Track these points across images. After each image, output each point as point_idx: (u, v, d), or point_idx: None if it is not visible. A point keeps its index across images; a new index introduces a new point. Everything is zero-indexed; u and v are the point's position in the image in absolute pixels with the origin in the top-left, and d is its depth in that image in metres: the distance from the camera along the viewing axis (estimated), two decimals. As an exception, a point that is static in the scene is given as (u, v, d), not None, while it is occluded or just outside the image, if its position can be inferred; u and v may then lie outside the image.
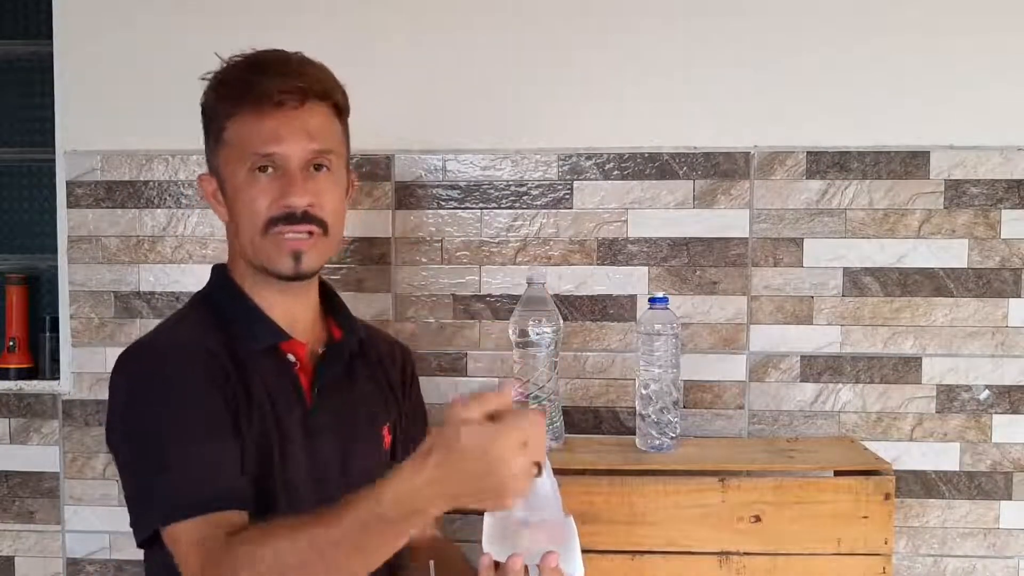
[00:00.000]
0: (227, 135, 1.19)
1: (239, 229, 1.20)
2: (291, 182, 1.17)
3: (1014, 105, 1.75)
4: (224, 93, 1.19)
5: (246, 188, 1.18)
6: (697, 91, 1.78)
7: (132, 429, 1.14)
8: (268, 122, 1.17)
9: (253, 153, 1.17)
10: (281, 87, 1.16)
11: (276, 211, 1.17)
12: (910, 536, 1.79)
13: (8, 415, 1.91)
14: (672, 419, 1.58)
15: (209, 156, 1.23)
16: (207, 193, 1.25)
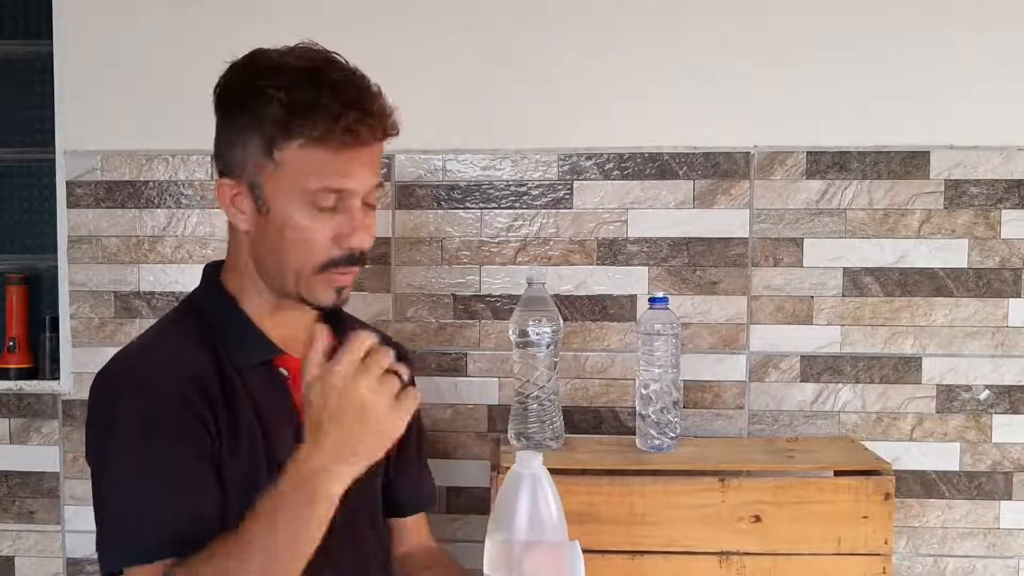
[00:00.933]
0: (284, 156, 1.10)
1: (280, 256, 1.13)
2: (356, 221, 1.12)
3: (1014, 105, 1.75)
4: (298, 115, 1.08)
5: (303, 221, 1.11)
6: (697, 91, 1.78)
7: (102, 463, 1.10)
8: (342, 157, 1.10)
9: (322, 186, 1.10)
10: (366, 123, 1.10)
11: (339, 252, 1.12)
12: (910, 536, 1.79)
13: (8, 415, 1.91)
14: (672, 419, 1.58)
15: (240, 162, 1.13)
16: (224, 198, 1.15)
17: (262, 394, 1.16)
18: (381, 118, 1.12)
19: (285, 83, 1.10)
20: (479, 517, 1.75)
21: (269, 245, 1.14)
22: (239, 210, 1.15)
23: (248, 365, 1.16)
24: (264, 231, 1.13)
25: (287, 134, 1.09)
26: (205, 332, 1.16)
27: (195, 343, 1.15)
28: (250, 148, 1.12)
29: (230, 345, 1.16)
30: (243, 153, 1.12)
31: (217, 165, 1.18)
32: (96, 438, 1.12)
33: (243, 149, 1.12)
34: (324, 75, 1.11)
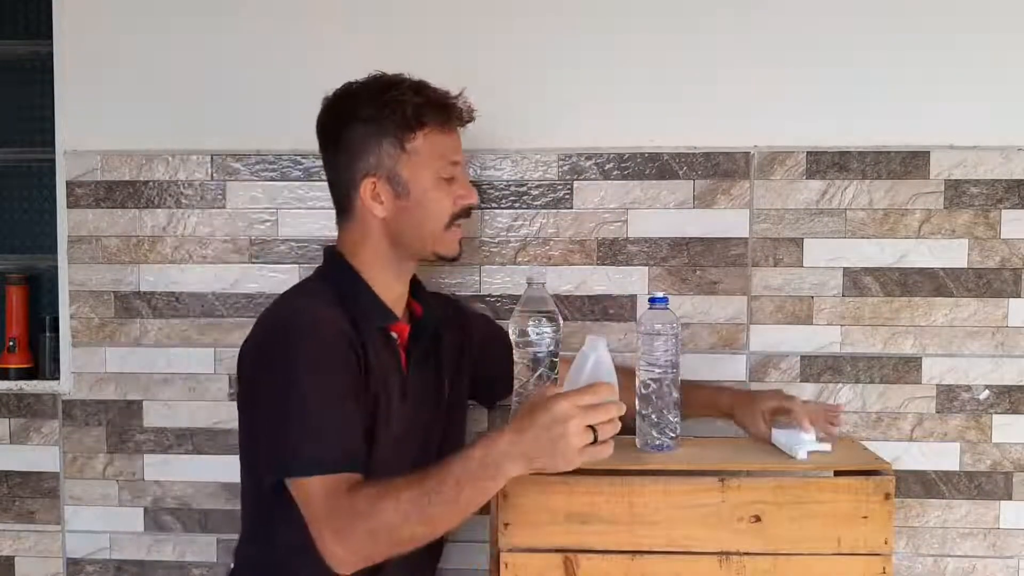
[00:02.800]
0: (414, 145, 1.43)
1: (418, 223, 1.45)
2: (468, 186, 1.49)
3: (1014, 105, 1.75)
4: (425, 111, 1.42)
5: (436, 191, 1.44)
6: (697, 91, 1.78)
7: (279, 388, 1.32)
8: (452, 137, 1.47)
9: (447, 162, 1.45)
10: (463, 113, 1.47)
11: (460, 208, 1.47)
12: (910, 536, 1.79)
13: (8, 415, 1.91)
14: (672, 419, 1.58)
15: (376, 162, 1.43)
16: (367, 194, 1.44)
17: (381, 351, 1.43)
18: (470, 106, 1.49)
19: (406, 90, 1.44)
20: (479, 517, 1.74)
21: (410, 217, 1.44)
22: (377, 201, 1.44)
23: (373, 327, 1.43)
24: (405, 209, 1.44)
25: (417, 127, 1.43)
26: (339, 298, 1.42)
27: (336, 305, 1.41)
28: (383, 148, 1.43)
29: (359, 310, 1.43)
30: (376, 155, 1.43)
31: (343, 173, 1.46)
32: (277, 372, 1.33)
33: (375, 152, 1.43)
34: (423, 84, 1.47)
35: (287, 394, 1.32)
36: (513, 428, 1.23)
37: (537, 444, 1.20)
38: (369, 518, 1.24)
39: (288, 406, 1.32)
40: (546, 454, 1.21)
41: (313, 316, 1.38)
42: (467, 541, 1.81)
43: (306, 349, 1.34)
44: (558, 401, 1.21)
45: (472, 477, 1.22)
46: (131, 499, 1.89)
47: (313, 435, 1.30)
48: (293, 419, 1.31)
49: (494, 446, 1.22)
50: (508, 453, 1.21)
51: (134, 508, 1.89)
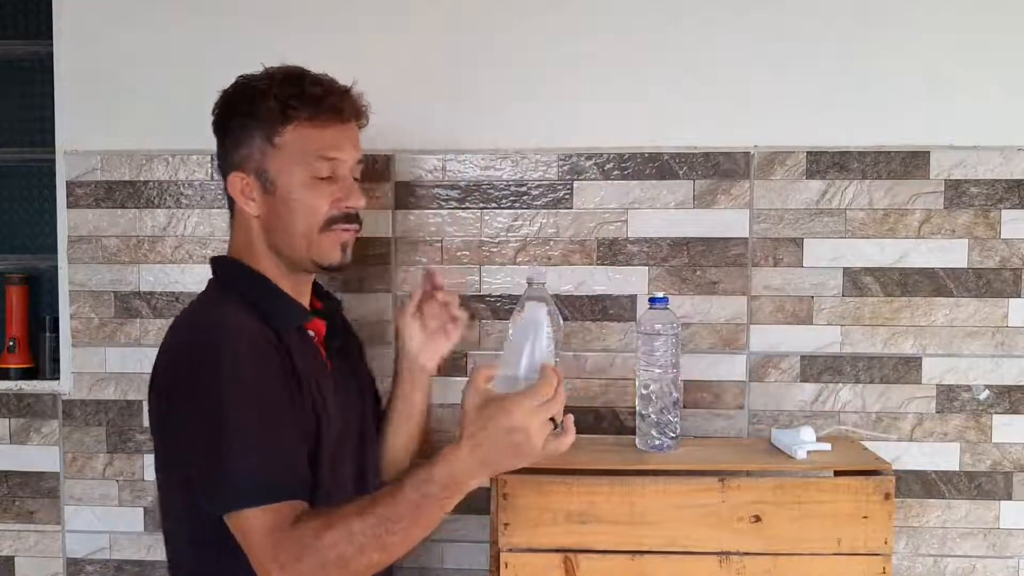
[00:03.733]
0: (283, 139, 1.34)
1: (288, 226, 1.35)
2: (349, 187, 1.38)
3: (1014, 105, 1.75)
4: (292, 103, 1.33)
5: (306, 189, 1.34)
6: (697, 91, 1.78)
7: (206, 410, 1.21)
8: (330, 131, 1.36)
9: (318, 157, 1.34)
10: (346, 103, 1.37)
11: (337, 211, 1.36)
12: (910, 536, 1.79)
13: (8, 415, 1.91)
14: (672, 419, 1.58)
15: (244, 156, 1.35)
16: (236, 190, 1.36)
17: (303, 353, 1.35)
18: (356, 100, 1.40)
19: (275, 83, 1.35)
20: (479, 517, 1.75)
21: (279, 218, 1.35)
22: (249, 198, 1.36)
23: (289, 329, 1.34)
24: (273, 208, 1.35)
25: (284, 120, 1.33)
26: (247, 305, 1.32)
27: (248, 313, 1.31)
28: (255, 142, 1.34)
29: (272, 313, 1.34)
30: (248, 148, 1.35)
31: (224, 168, 1.39)
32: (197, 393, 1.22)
33: (248, 145, 1.35)
34: (304, 74, 1.37)
35: (217, 418, 1.20)
36: (470, 440, 1.16)
37: (498, 452, 1.15)
38: (318, 551, 1.15)
39: (221, 431, 1.20)
40: (508, 458, 1.16)
41: (234, 325, 1.27)
42: (467, 541, 1.81)
43: (232, 364, 1.23)
44: (515, 408, 1.14)
45: (433, 499, 1.16)
46: (131, 499, 1.89)
47: (251, 462, 1.20)
48: (227, 446, 1.20)
49: (455, 464, 1.16)
50: (469, 470, 1.16)
51: (134, 508, 1.89)
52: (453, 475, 1.15)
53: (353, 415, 1.46)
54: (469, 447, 1.15)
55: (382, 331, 1.84)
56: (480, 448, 1.15)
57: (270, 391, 1.25)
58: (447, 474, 1.16)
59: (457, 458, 1.15)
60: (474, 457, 1.15)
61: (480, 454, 1.15)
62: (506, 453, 1.15)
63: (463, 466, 1.15)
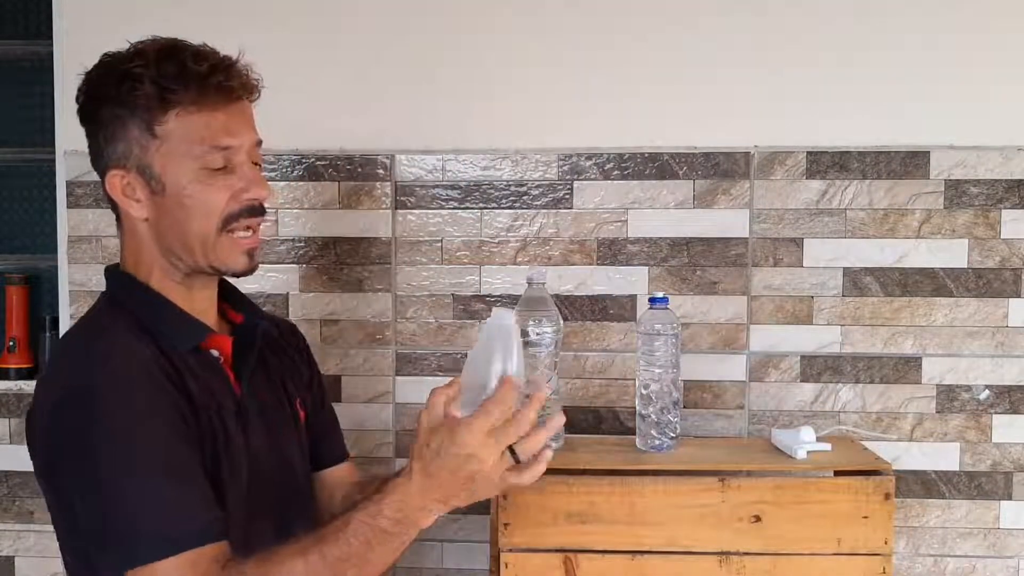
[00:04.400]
0: (165, 128, 1.13)
1: (181, 228, 1.15)
2: (250, 175, 1.17)
3: (1014, 105, 1.75)
4: (169, 85, 1.12)
5: (198, 185, 1.14)
6: (697, 91, 1.78)
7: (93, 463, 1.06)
8: (219, 115, 1.14)
9: (209, 147, 1.14)
10: (235, 79, 1.16)
11: (236, 206, 1.15)
12: (910, 536, 1.79)
13: (8, 415, 1.91)
14: (672, 419, 1.58)
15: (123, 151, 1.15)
16: (115, 189, 1.16)
17: (203, 377, 1.17)
18: (246, 73, 1.18)
19: (150, 63, 1.14)
20: (479, 517, 1.75)
21: (171, 221, 1.15)
22: (132, 199, 1.16)
23: (186, 349, 1.17)
24: (163, 209, 1.15)
25: (164, 106, 1.13)
26: (138, 325, 1.15)
27: (136, 335, 1.14)
28: (131, 134, 1.14)
29: (166, 332, 1.16)
30: (125, 141, 1.15)
31: (99, 165, 1.20)
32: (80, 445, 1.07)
33: (124, 138, 1.15)
34: (181, 48, 1.16)
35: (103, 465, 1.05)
36: (421, 470, 1.02)
37: (450, 486, 1.02)
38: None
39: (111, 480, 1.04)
40: (463, 491, 1.03)
41: (108, 354, 1.11)
42: (467, 541, 1.81)
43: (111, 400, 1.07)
44: (465, 433, 1.00)
45: (384, 537, 1.03)
46: (131, 499, 1.89)
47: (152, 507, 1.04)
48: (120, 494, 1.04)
49: (406, 498, 1.03)
50: (422, 506, 1.03)
51: (134, 508, 1.89)
52: (404, 509, 1.03)
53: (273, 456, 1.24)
54: (420, 477, 1.02)
55: (382, 331, 1.84)
56: (431, 479, 1.02)
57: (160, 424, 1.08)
58: (397, 508, 1.03)
59: (407, 491, 1.03)
60: (425, 489, 1.02)
61: (431, 485, 1.02)
62: (459, 485, 1.02)
63: (414, 501, 1.03)
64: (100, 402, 1.07)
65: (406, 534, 1.04)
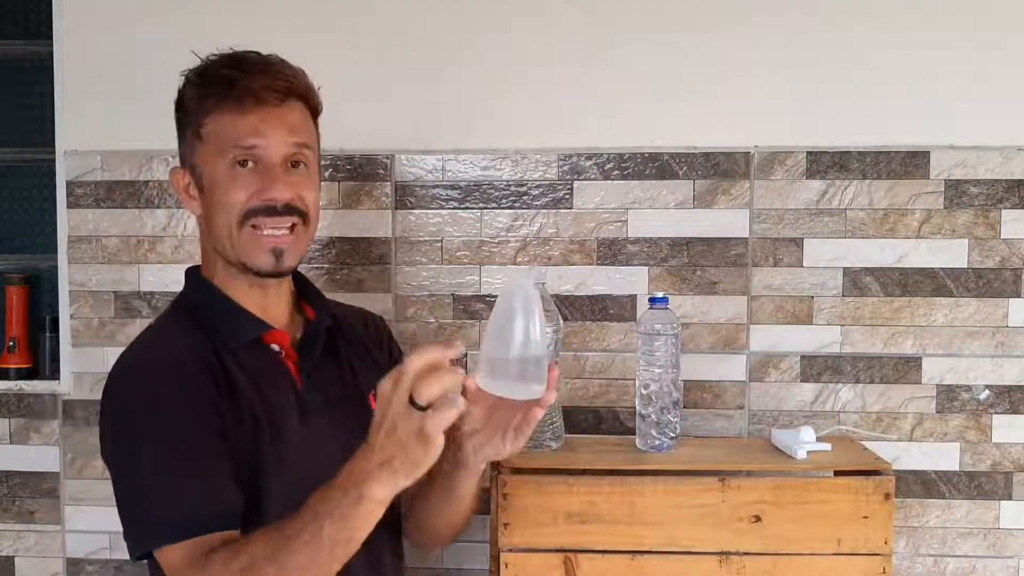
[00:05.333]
0: (206, 131, 1.23)
1: (214, 222, 1.24)
2: (273, 176, 1.21)
3: (1014, 105, 1.75)
4: (204, 90, 1.23)
5: (224, 180, 1.22)
6: (697, 91, 1.78)
7: (120, 452, 1.16)
8: (249, 117, 1.21)
9: (234, 146, 1.21)
10: (263, 83, 1.21)
11: (255, 203, 1.21)
12: (910, 536, 1.79)
13: (8, 415, 1.91)
14: (672, 419, 1.58)
15: (184, 152, 1.27)
16: (179, 187, 1.28)
17: (259, 370, 1.22)
18: (281, 79, 1.23)
19: (196, 71, 1.26)
20: (479, 517, 1.75)
21: (209, 216, 1.25)
22: (192, 197, 1.27)
23: (241, 344, 1.23)
24: (206, 205, 1.25)
25: (203, 109, 1.23)
26: (198, 323, 1.24)
27: (190, 333, 1.22)
28: (187, 136, 1.27)
29: (221, 328, 1.23)
30: (184, 143, 1.28)
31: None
32: (114, 433, 1.17)
33: (183, 140, 1.28)
34: (232, 56, 1.25)
35: (129, 454, 1.15)
36: (368, 441, 0.99)
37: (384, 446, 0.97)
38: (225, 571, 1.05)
39: (133, 469, 1.14)
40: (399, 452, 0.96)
41: (142, 359, 1.20)
42: (467, 541, 1.81)
43: (134, 404, 1.16)
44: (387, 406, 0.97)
45: (332, 509, 1.00)
46: (131, 499, 1.89)
47: (165, 498, 1.12)
48: (141, 483, 1.14)
49: (353, 463, 1.00)
50: (366, 470, 0.98)
51: (134, 508, 1.89)
52: (353, 477, 0.99)
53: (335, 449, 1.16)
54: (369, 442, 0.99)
55: (382, 331, 1.84)
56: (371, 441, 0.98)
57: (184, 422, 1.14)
58: (345, 478, 0.99)
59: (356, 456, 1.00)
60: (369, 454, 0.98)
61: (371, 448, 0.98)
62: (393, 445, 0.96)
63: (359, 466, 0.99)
64: (128, 391, 1.17)
65: (356, 505, 0.98)
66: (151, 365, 1.19)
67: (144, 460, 1.13)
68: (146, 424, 1.14)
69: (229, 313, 1.25)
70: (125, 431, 1.16)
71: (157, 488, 1.13)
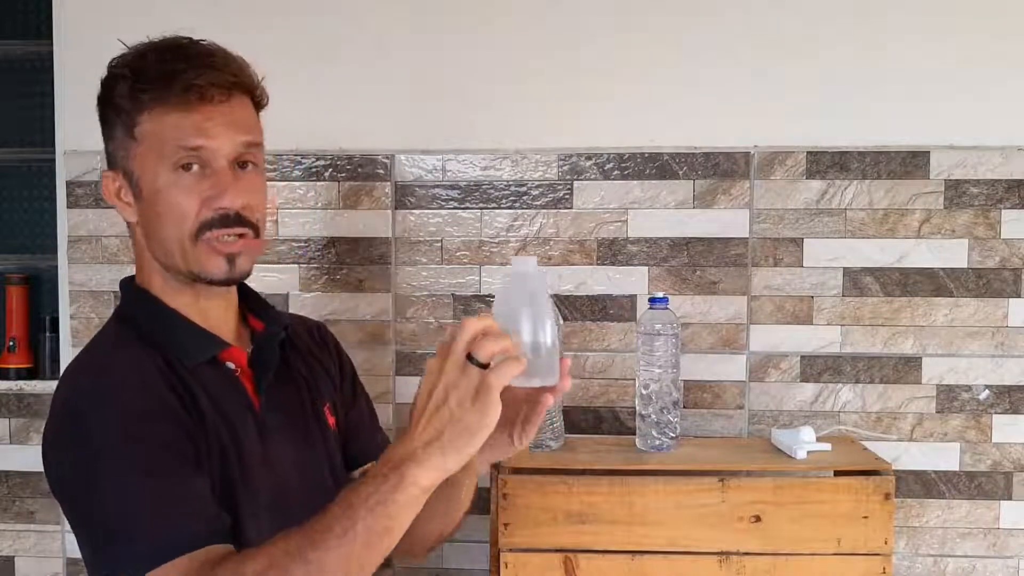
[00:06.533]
0: (142, 130, 1.09)
1: (160, 233, 1.11)
2: (223, 181, 1.09)
3: (1014, 105, 1.75)
4: (139, 84, 1.08)
5: (170, 188, 1.09)
6: (697, 91, 1.78)
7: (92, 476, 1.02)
8: (193, 115, 1.08)
9: (178, 148, 1.08)
10: (208, 78, 1.09)
11: (209, 214, 1.09)
12: (910, 536, 1.79)
13: (8, 415, 1.91)
14: (672, 419, 1.58)
15: (114, 153, 1.12)
16: (109, 193, 1.14)
17: (216, 390, 1.12)
18: (227, 73, 1.11)
19: (130, 61, 1.11)
20: (479, 517, 1.75)
21: (151, 225, 1.12)
22: (125, 202, 1.14)
23: (197, 363, 1.12)
24: (145, 212, 1.12)
25: (138, 106, 1.09)
26: (146, 339, 1.12)
27: (144, 353, 1.10)
28: (116, 135, 1.12)
29: (175, 346, 1.12)
30: (113, 143, 1.12)
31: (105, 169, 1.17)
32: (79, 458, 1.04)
33: (113, 140, 1.12)
34: (167, 45, 1.12)
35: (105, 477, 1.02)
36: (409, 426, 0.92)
37: (432, 421, 0.90)
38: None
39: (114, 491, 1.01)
40: (448, 425, 0.89)
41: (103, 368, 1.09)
42: (467, 541, 1.81)
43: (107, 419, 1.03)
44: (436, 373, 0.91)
45: (368, 496, 0.91)
46: (131, 499, 1.89)
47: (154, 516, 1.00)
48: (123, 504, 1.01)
49: (390, 450, 0.93)
50: (408, 451, 0.90)
51: (134, 508, 1.89)
52: (389, 459, 0.91)
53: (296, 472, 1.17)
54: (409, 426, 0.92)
55: (382, 331, 1.84)
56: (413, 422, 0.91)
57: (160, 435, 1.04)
58: (384, 461, 0.92)
59: (393, 442, 0.94)
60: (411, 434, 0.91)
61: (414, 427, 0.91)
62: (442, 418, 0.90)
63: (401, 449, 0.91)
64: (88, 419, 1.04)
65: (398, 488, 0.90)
66: (114, 383, 1.06)
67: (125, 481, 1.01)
68: (119, 445, 1.02)
69: (181, 330, 1.13)
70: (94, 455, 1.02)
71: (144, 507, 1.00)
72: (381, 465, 0.92)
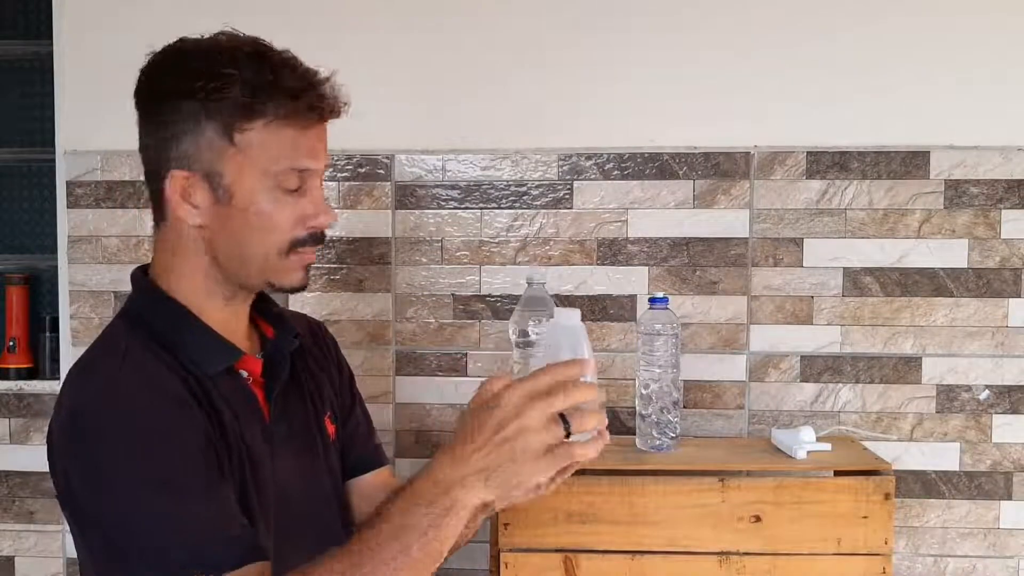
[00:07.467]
0: (247, 137, 1.05)
1: (242, 242, 1.08)
2: (320, 203, 1.11)
3: (1014, 105, 1.75)
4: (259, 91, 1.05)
5: (269, 204, 1.07)
6: (697, 91, 1.78)
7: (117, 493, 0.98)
8: (309, 135, 1.08)
9: (288, 167, 1.07)
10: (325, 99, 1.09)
11: (303, 233, 1.09)
12: (910, 536, 1.79)
13: (8, 415, 1.91)
14: (672, 419, 1.58)
15: (193, 152, 1.07)
16: (175, 191, 1.08)
17: (232, 399, 1.10)
18: (337, 95, 1.11)
19: (242, 65, 1.07)
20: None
21: (230, 233, 1.08)
22: (191, 204, 1.08)
23: (213, 370, 1.09)
24: (224, 220, 1.08)
25: (249, 114, 1.05)
26: (161, 344, 1.08)
27: (157, 356, 1.07)
28: (205, 135, 1.06)
29: (192, 354, 1.09)
30: (196, 143, 1.07)
31: (157, 162, 1.11)
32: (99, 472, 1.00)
33: (196, 138, 1.07)
34: (273, 55, 1.10)
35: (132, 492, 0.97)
36: (459, 440, 0.91)
37: (491, 453, 0.89)
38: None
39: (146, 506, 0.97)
40: (505, 463, 0.89)
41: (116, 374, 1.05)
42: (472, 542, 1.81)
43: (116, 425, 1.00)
44: (505, 394, 0.90)
45: (420, 520, 0.90)
46: (131, 499, 1.89)
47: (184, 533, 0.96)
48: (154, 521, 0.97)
49: (438, 471, 0.91)
50: (458, 477, 0.89)
51: (134, 508, 1.89)
52: (439, 485, 0.90)
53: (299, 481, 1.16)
54: (458, 446, 0.91)
55: (382, 331, 1.84)
56: (468, 445, 0.90)
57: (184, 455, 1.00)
58: (431, 485, 0.91)
59: (442, 464, 0.91)
60: (461, 457, 0.90)
61: (467, 452, 0.90)
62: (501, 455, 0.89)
63: (448, 473, 0.90)
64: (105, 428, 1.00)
65: (449, 513, 0.90)
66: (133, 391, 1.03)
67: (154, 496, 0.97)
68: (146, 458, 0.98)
69: (203, 338, 1.10)
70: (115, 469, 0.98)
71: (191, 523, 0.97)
72: (428, 484, 0.91)
